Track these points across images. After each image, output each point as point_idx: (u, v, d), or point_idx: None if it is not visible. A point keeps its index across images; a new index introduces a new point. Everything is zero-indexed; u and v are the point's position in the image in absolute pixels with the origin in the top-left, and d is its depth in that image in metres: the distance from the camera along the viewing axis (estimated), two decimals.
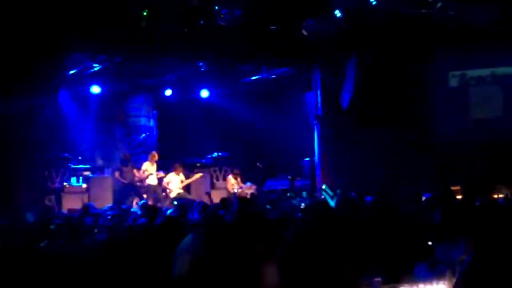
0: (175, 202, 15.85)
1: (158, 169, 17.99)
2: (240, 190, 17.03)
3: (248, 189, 17.23)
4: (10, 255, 5.60)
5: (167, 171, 17.20)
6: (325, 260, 4.50)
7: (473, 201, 8.48)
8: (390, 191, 13.50)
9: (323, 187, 14.89)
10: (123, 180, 16.29)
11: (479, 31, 14.90)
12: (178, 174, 16.83)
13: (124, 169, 16.41)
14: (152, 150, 19.70)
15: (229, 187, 17.16)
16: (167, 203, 16.49)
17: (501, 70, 16.69)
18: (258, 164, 17.90)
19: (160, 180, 17.15)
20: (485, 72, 16.55)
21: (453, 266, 4.65)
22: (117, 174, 16.53)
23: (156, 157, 17.17)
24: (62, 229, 8.37)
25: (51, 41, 13.55)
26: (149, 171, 16.88)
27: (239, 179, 17.38)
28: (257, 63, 17.82)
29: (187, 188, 17.34)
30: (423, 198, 10.81)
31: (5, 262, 5.14)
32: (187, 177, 17.23)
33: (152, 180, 16.91)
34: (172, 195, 16.49)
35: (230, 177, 17.35)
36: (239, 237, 5.40)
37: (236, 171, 17.42)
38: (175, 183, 16.67)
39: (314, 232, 5.93)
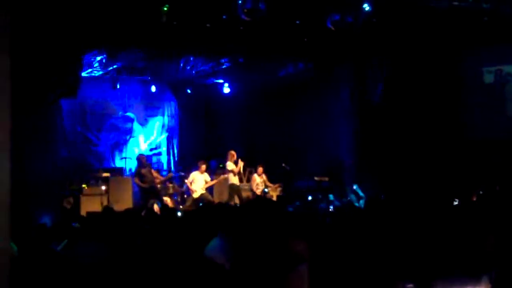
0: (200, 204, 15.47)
1: (182, 170, 17.73)
2: (266, 191, 16.49)
3: (274, 191, 16.74)
4: (27, 257, 5.51)
5: (190, 170, 16.74)
6: (354, 264, 4.06)
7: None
8: (422, 191, 13.13)
9: (354, 187, 14.44)
10: (143, 185, 15.82)
11: None
12: (202, 173, 16.27)
13: (143, 171, 15.93)
14: (174, 149, 19.47)
15: (254, 187, 16.59)
16: (188, 204, 16.05)
17: None
18: (283, 164, 17.38)
19: None
20: None
21: (488, 270, 4.51)
22: (136, 179, 16.09)
23: (235, 156, 16.56)
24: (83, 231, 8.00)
25: (70, 37, 13.24)
26: (234, 170, 16.30)
27: (264, 177, 16.80)
28: (282, 59, 17.35)
29: (209, 189, 16.85)
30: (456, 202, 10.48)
31: (22, 264, 4.95)
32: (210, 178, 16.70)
33: (234, 180, 16.34)
34: (195, 195, 15.98)
35: (255, 176, 16.79)
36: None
37: (260, 168, 16.79)
38: (199, 182, 16.13)
39: (342, 236, 5.46)
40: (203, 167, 16.27)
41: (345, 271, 4.51)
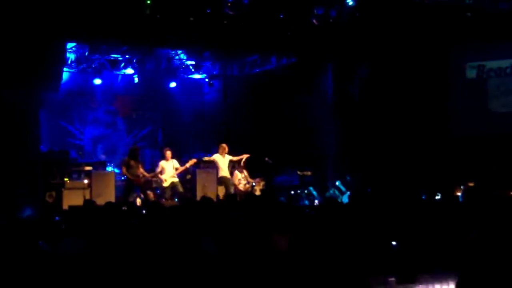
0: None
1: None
2: (247, 185, 16.45)
3: (257, 185, 16.72)
4: (8, 252, 5.44)
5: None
6: (336, 257, 4.05)
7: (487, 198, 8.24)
8: (404, 186, 13.21)
9: (337, 183, 14.49)
10: (130, 176, 15.71)
11: (498, 20, 14.45)
12: (168, 160, 16.12)
13: (132, 162, 15.83)
14: (158, 143, 19.40)
15: (236, 182, 16.54)
16: (167, 196, 15.89)
17: None
18: (266, 159, 17.35)
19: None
20: (504, 63, 16.09)
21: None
22: (124, 169, 15.97)
23: (226, 149, 16.38)
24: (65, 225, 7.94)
25: (52, 31, 13.16)
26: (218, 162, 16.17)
27: (246, 173, 16.75)
28: (265, 53, 17.34)
29: (193, 184, 16.77)
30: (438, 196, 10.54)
31: (3, 259, 5.04)
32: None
33: (223, 172, 16.22)
34: (166, 184, 15.79)
35: (236, 172, 16.73)
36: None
37: (241, 164, 16.74)
38: (167, 170, 15.95)
39: (325, 230, 5.47)
40: (168, 153, 16.03)
41: (327, 265, 4.52)
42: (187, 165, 16.13)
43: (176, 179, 15.85)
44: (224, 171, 16.10)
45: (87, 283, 4.94)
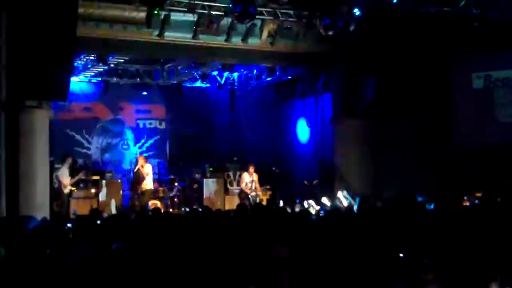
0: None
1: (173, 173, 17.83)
2: (254, 194, 16.27)
3: (264, 195, 16.64)
4: (16, 262, 5.53)
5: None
6: (343, 268, 4.06)
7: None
8: (411, 196, 13.16)
9: (344, 193, 14.44)
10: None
11: (505, 30, 14.44)
12: (250, 174, 16.30)
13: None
14: (164, 153, 19.48)
15: (243, 186, 16.23)
16: None
17: None
18: (274, 168, 17.34)
19: None
20: (511, 73, 16.02)
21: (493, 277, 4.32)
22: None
23: (139, 162, 16.27)
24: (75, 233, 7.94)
25: (60, 40, 13.18)
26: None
27: (255, 177, 16.38)
28: (271, 63, 17.36)
29: (199, 194, 16.84)
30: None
31: (11, 269, 5.08)
32: None
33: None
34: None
35: (245, 175, 16.39)
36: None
37: (251, 166, 16.42)
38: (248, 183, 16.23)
39: (332, 240, 5.47)
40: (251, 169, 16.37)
41: (333, 274, 4.53)
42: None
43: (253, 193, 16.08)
44: (146, 184, 16.02)
45: None
